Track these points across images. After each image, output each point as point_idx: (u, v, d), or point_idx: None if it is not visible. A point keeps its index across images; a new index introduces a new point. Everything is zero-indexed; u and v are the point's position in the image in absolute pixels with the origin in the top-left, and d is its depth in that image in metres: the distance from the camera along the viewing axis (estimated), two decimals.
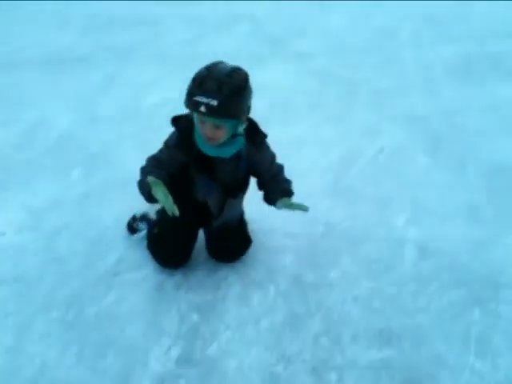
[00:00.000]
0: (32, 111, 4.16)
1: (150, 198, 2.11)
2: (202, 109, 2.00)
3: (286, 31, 6.51)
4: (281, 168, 2.45)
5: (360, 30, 6.81)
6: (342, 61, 5.62)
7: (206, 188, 2.29)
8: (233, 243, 2.56)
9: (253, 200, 2.59)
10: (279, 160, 2.44)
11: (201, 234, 2.61)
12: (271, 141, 2.39)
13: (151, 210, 2.72)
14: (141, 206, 2.79)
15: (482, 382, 2.03)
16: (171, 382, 1.99)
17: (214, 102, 1.99)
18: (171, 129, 2.30)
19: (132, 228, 2.74)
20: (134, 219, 2.75)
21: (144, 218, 2.73)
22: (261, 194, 2.56)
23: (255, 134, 2.28)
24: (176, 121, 2.25)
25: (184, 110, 2.20)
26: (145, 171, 2.20)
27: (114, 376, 2.00)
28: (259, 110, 2.37)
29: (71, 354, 2.08)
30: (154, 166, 2.19)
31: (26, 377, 1.99)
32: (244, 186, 2.42)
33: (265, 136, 2.31)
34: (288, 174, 2.78)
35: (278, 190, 2.33)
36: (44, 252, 2.63)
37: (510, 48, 6.09)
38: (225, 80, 2.02)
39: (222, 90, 2.00)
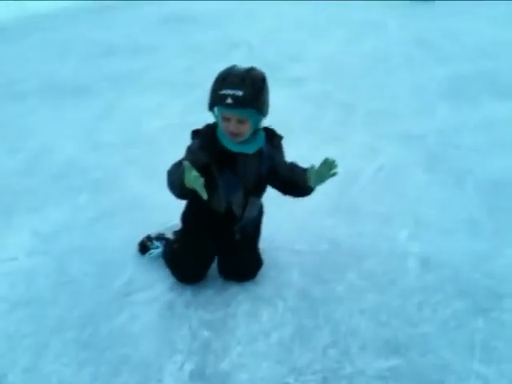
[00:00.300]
0: (36, 139, 4.26)
1: (181, 191, 2.17)
2: (229, 100, 2.15)
3: (282, 57, 6.66)
4: (294, 162, 2.53)
5: (353, 54, 6.96)
6: (337, 84, 5.75)
7: (230, 186, 2.35)
8: (245, 265, 2.63)
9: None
10: None
11: None
12: None
13: (168, 230, 2.79)
14: (152, 229, 2.87)
15: None
16: None
17: (239, 93, 2.15)
18: (174, 153, 2.39)
19: (144, 247, 2.79)
20: (148, 238, 2.81)
21: (160, 237, 2.79)
22: (268, 210, 2.65)
23: (273, 136, 2.44)
24: (196, 132, 2.38)
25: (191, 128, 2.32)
26: (171, 173, 2.27)
27: None
28: None
29: (87, 372, 2.12)
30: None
31: None
32: (265, 184, 2.51)
33: (281, 137, 2.47)
34: None
35: (301, 173, 2.38)
36: (56, 275, 2.68)
37: (500, 67, 6.24)
38: (246, 75, 2.21)
39: (245, 82, 2.18)
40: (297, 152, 3.92)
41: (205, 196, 2.07)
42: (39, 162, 3.88)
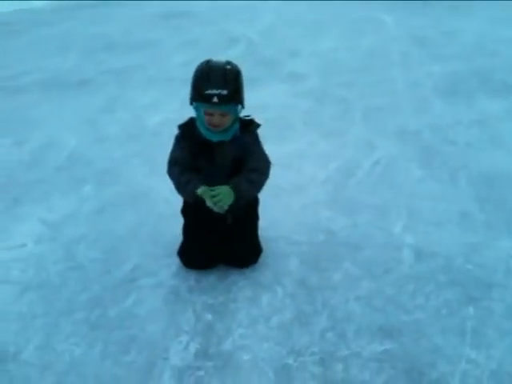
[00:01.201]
0: (40, 132, 4.35)
1: (193, 201, 2.47)
2: (215, 99, 2.29)
3: (280, 53, 6.75)
4: (261, 168, 2.57)
5: (351, 51, 7.05)
6: (335, 80, 5.85)
7: (210, 173, 2.51)
8: (244, 251, 2.73)
9: (260, 210, 2.79)
10: (279, 173, 2.60)
11: None
12: (271, 156, 2.63)
13: None
14: (155, 219, 2.97)
15: (478, 369, 2.18)
16: (191, 373, 2.14)
17: (224, 92, 2.29)
18: None
19: None
20: None
21: None
22: (266, 202, 2.75)
23: (250, 124, 2.55)
24: (180, 126, 2.58)
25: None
26: (180, 185, 2.49)
27: (138, 369, 2.14)
28: None
29: (97, 350, 2.23)
30: (180, 171, 2.49)
31: (58, 371, 2.13)
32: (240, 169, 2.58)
33: (258, 125, 2.56)
34: (289, 186, 2.94)
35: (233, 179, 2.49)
36: (63, 260, 2.79)
37: (495, 65, 6.34)
38: (226, 68, 2.35)
39: (226, 79, 2.31)
40: (296, 146, 4.09)
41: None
42: (44, 154, 3.98)
